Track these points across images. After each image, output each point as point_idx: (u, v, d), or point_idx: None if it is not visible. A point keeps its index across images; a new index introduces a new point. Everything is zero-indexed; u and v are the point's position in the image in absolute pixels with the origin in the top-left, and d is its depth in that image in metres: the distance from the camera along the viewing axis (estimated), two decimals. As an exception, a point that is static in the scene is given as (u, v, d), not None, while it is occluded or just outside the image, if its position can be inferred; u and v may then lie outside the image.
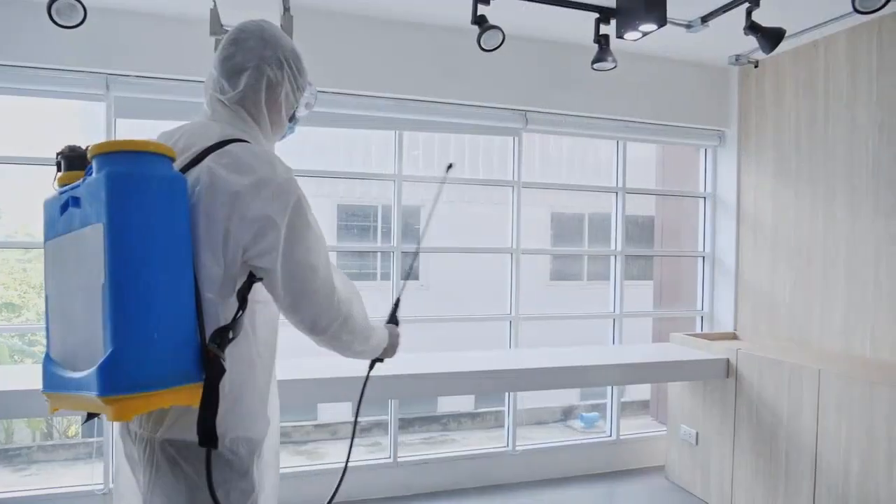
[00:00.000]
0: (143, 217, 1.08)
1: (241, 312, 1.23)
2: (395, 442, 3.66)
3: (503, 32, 2.87)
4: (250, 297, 1.26)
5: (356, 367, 3.07)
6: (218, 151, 1.25)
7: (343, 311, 1.34)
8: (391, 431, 3.67)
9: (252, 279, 1.25)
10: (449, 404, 7.34)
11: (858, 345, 3.29)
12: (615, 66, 3.16)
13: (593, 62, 3.16)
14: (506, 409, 3.95)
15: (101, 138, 3.13)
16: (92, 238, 1.08)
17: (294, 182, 1.29)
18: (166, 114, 3.21)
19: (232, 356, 1.23)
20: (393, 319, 1.69)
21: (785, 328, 3.76)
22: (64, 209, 1.17)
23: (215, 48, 2.57)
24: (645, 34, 3.00)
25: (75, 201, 1.13)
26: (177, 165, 1.21)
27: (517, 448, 3.87)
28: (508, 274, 3.91)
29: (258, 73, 1.36)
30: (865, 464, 2.69)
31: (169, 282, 1.11)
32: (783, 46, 3.59)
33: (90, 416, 1.28)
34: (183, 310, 1.13)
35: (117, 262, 1.05)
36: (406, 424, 6.70)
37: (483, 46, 2.90)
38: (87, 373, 1.04)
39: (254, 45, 1.37)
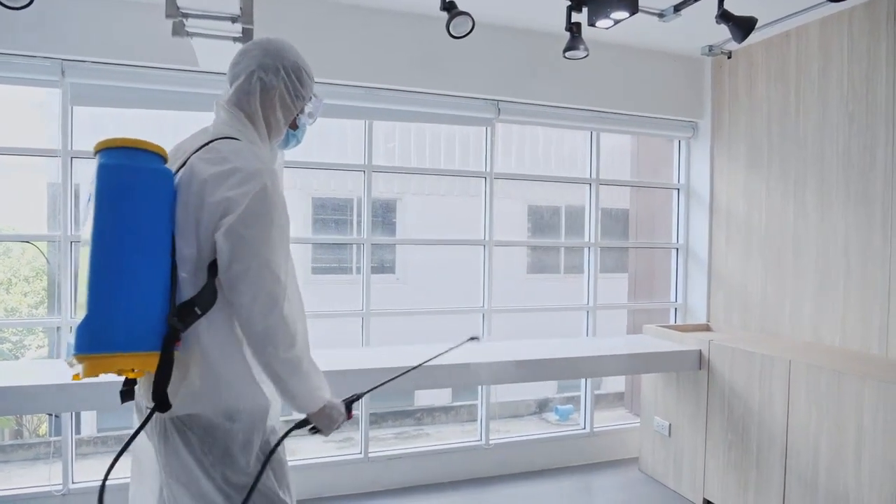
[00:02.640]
0: (123, 201, 1.25)
1: (205, 287, 1.32)
2: (367, 437, 3.60)
3: (473, 19, 2.81)
4: None
5: (342, 361, 3.00)
6: (204, 148, 1.38)
7: (281, 316, 1.34)
8: (362, 426, 3.61)
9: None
10: (426, 398, 7.29)
11: (828, 335, 3.30)
12: (587, 55, 3.11)
13: (565, 50, 3.10)
14: (479, 402, 3.91)
15: (56, 127, 3.04)
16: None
17: (263, 173, 1.35)
18: (125, 101, 3.11)
19: (213, 331, 1.35)
20: (347, 405, 1.56)
21: (757, 319, 3.76)
22: (88, 203, 1.35)
23: (173, 32, 2.49)
24: (617, 22, 2.95)
25: (90, 195, 1.30)
26: (174, 165, 1.38)
27: (490, 442, 3.83)
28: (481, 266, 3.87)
29: (254, 76, 1.49)
30: (834, 453, 2.70)
31: (143, 260, 1.26)
32: (756, 37, 3.60)
33: (124, 396, 1.38)
34: (152, 285, 1.27)
35: (97, 239, 1.23)
36: (379, 419, 6.63)
37: (452, 33, 2.83)
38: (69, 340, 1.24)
39: (256, 53, 1.51)
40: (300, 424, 1.52)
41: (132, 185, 1.27)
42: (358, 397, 1.61)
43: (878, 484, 2.50)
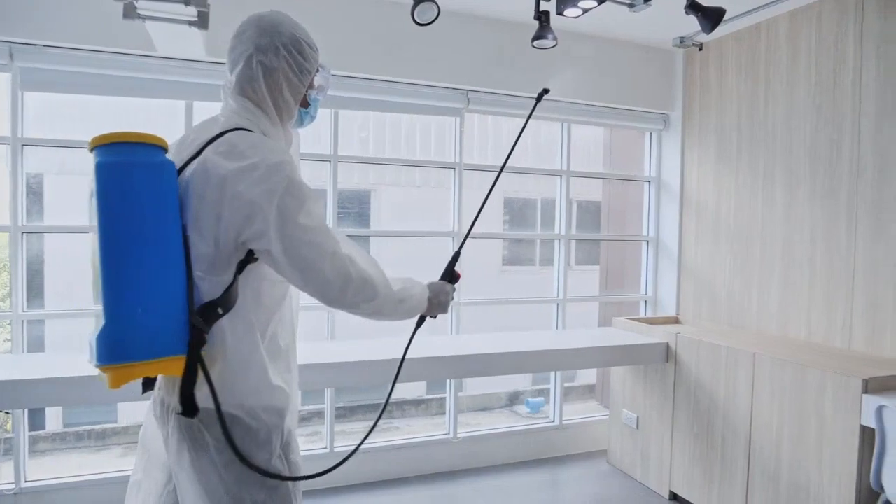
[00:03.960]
0: (125, 201, 1.17)
1: (230, 288, 1.28)
2: (332, 431, 3.55)
3: (438, 6, 2.74)
4: (258, 275, 1.34)
5: (333, 354, 2.92)
6: (216, 141, 1.30)
7: (356, 280, 1.35)
8: (328, 420, 3.56)
9: (248, 259, 1.31)
10: (401, 390, 7.24)
11: (794, 328, 3.32)
12: (556, 45, 3.07)
13: (533, 40, 3.05)
14: (447, 395, 3.87)
15: (6, 112, 2.93)
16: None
17: (283, 165, 1.30)
18: (79, 87, 3.00)
19: (235, 331, 1.31)
20: (447, 275, 1.68)
21: (725, 312, 3.77)
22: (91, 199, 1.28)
23: (124, 14, 2.40)
24: (585, 11, 2.92)
25: (91, 192, 1.23)
26: (183, 157, 1.31)
27: (459, 435, 3.80)
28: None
29: (253, 59, 1.41)
30: (796, 446, 2.71)
31: (153, 261, 1.19)
32: (726, 29, 3.59)
33: (146, 387, 1.39)
34: (168, 287, 1.21)
35: (104, 244, 1.15)
36: (348, 413, 6.57)
37: (417, 20, 2.77)
38: (93, 346, 1.17)
39: (251, 34, 1.43)
40: (420, 323, 1.66)
41: (134, 183, 1.18)
42: (455, 258, 1.72)
43: (839, 476, 2.52)
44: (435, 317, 1.64)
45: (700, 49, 3.92)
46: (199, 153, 1.30)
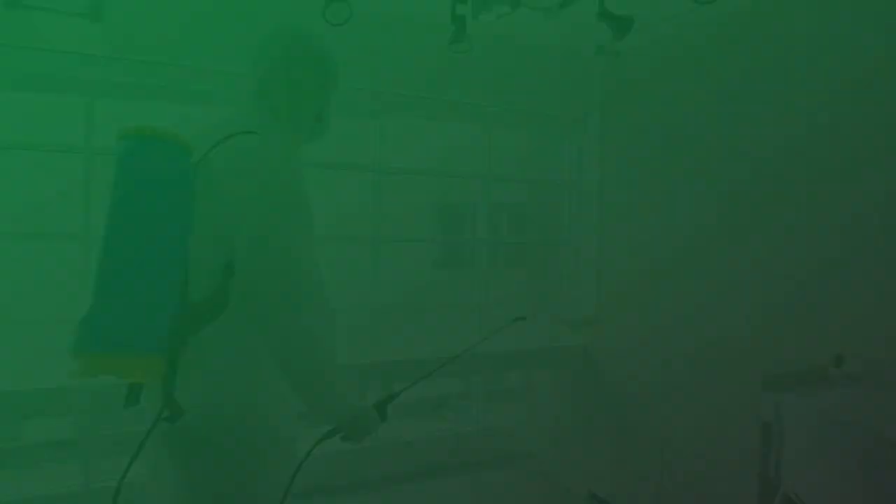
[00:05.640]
0: (139, 193, 1.18)
1: (218, 291, 1.25)
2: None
3: (350, 7, 2.69)
4: None
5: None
6: (222, 143, 1.30)
7: (299, 324, 1.30)
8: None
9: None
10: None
11: (706, 329, 3.41)
12: (471, 49, 3.06)
13: (450, 43, 3.04)
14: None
15: None
16: None
17: (280, 171, 1.31)
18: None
19: (222, 336, 1.28)
20: (381, 407, 1.51)
21: (640, 316, 3.85)
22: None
23: (4, 3, 2.24)
24: (500, 16, 2.92)
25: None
26: (194, 159, 1.29)
27: (380, 442, 3.74)
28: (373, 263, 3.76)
29: (277, 65, 1.44)
30: (704, 443, 2.79)
31: (154, 257, 1.18)
32: (641, 37, 3.67)
33: (128, 400, 1.29)
34: (163, 285, 1.20)
35: (111, 231, 1.16)
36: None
37: (328, 20, 2.70)
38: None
39: (278, 41, 1.46)
40: (329, 434, 1.45)
41: (152, 177, 1.20)
42: (392, 397, 1.54)
43: (744, 471, 2.60)
44: (347, 439, 1.48)
45: (617, 56, 4.00)
46: (204, 155, 1.30)
